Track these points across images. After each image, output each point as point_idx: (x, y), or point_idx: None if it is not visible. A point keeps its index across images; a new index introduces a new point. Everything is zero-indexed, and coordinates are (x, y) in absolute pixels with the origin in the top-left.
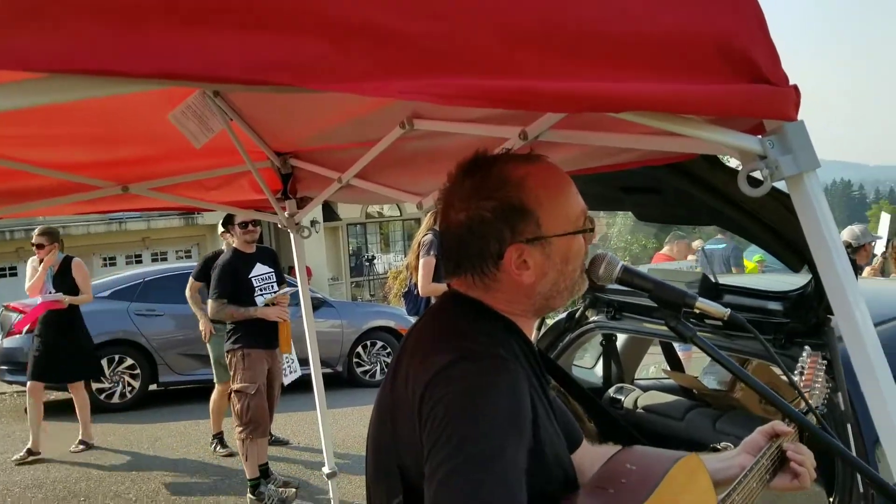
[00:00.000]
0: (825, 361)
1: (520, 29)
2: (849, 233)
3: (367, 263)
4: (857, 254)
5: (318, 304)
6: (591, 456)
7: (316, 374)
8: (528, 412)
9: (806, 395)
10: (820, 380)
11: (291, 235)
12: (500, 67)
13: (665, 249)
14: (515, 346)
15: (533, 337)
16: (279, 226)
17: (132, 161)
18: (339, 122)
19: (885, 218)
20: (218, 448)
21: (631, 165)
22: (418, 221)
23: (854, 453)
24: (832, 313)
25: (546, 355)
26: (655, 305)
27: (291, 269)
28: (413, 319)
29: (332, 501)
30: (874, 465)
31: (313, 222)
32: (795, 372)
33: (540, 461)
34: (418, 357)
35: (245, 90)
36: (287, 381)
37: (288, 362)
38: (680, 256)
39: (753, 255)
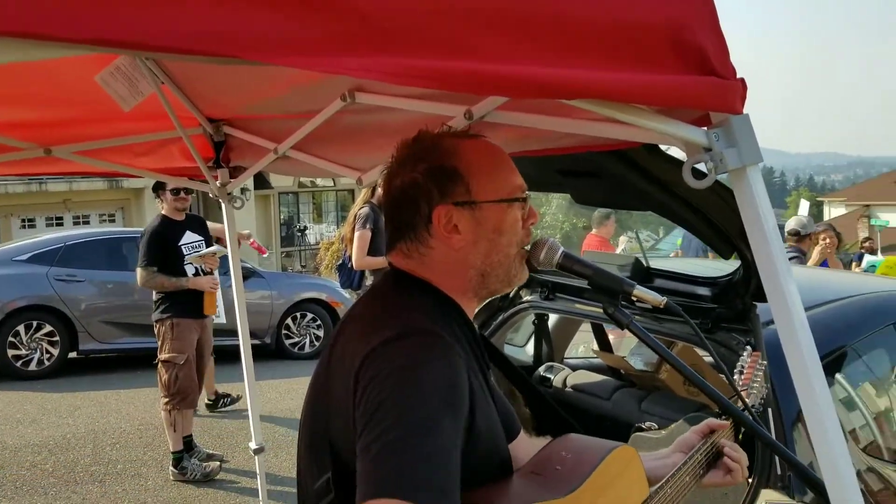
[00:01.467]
0: (764, 363)
1: (472, 10)
2: (796, 221)
3: (299, 234)
4: (804, 242)
5: (247, 275)
6: (526, 447)
7: (245, 346)
8: (464, 391)
9: (744, 393)
10: (759, 379)
11: (223, 205)
12: (453, 49)
13: (595, 231)
14: (455, 327)
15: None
16: (210, 195)
17: (55, 123)
18: (278, 91)
19: (803, 205)
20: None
21: (574, 150)
22: (352, 192)
23: (773, 435)
24: (758, 300)
25: (487, 340)
26: (589, 288)
27: (220, 240)
28: (346, 292)
29: (258, 476)
30: (791, 447)
31: (244, 190)
32: (735, 371)
33: (475, 442)
34: (356, 334)
35: (189, 60)
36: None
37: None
38: (609, 236)
39: (678, 238)
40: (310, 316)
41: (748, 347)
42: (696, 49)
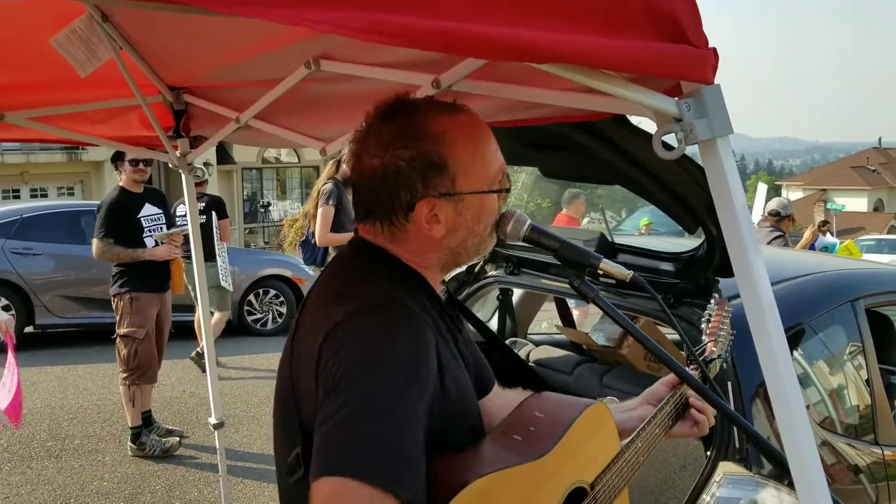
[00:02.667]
0: (731, 310)
1: None
2: (777, 203)
3: (263, 210)
4: (783, 222)
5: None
6: (499, 401)
7: (205, 321)
8: (432, 363)
9: (712, 342)
10: (725, 327)
11: (183, 176)
12: (422, 6)
13: (565, 210)
14: (421, 296)
15: None
16: (170, 165)
17: (9, 87)
18: (240, 57)
19: (761, 189)
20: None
21: (545, 121)
22: (317, 169)
23: (732, 408)
24: (721, 275)
25: (458, 301)
26: (554, 262)
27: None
28: (309, 269)
29: (218, 452)
30: (750, 420)
31: (207, 164)
32: (703, 319)
33: (444, 409)
34: (322, 307)
35: (137, 7)
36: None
37: (225, 267)
38: (579, 215)
39: (642, 218)
40: (272, 292)
41: (715, 295)
42: (669, 15)
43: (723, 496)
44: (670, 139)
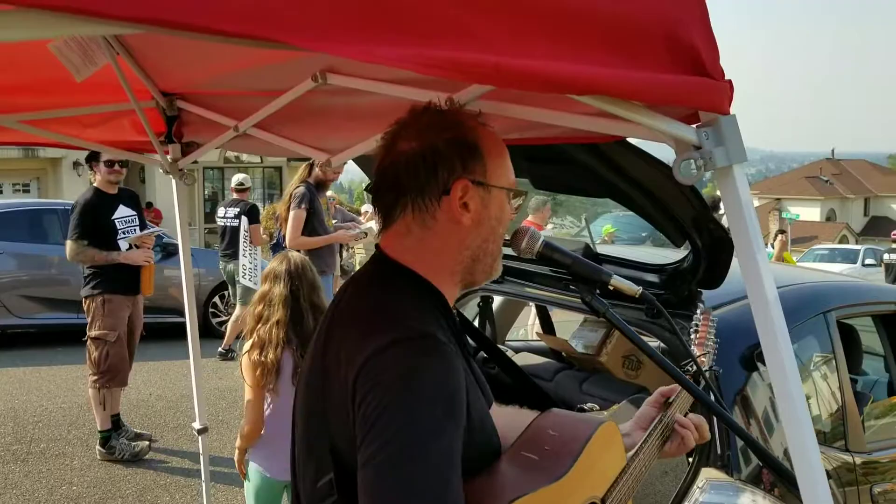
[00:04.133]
0: (715, 319)
1: (491, 2)
2: None
3: None
4: None
5: (174, 251)
6: (500, 419)
7: (191, 323)
8: (463, 395)
9: (701, 353)
10: (711, 336)
11: (173, 182)
12: (479, 43)
13: (531, 217)
14: (442, 320)
15: None
16: (161, 170)
17: (2, 90)
18: (242, 67)
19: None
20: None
21: (555, 141)
22: (280, 170)
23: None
24: (705, 287)
25: (466, 319)
26: (539, 272)
27: (147, 211)
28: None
29: (201, 457)
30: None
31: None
32: (691, 329)
33: (471, 438)
34: (352, 333)
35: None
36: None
37: (252, 267)
38: (543, 222)
39: (603, 226)
40: None
41: (700, 304)
42: (689, 49)
43: (705, 501)
44: (689, 165)
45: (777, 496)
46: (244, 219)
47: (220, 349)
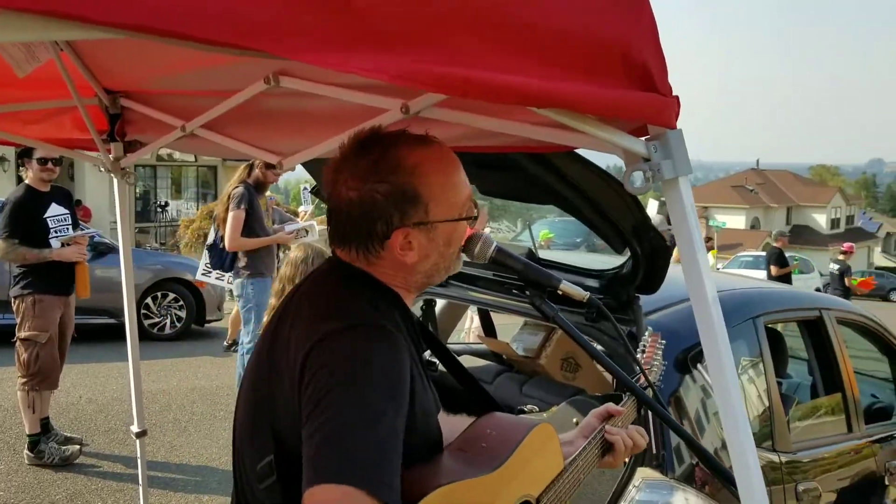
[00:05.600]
0: (664, 342)
1: (460, 15)
2: (658, 220)
3: (160, 209)
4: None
5: (105, 251)
6: (445, 425)
7: (131, 325)
8: (407, 381)
9: (647, 370)
10: (658, 358)
11: (115, 181)
12: (444, 53)
13: None
14: (398, 317)
15: None
16: (100, 169)
17: None
18: (191, 67)
19: (652, 204)
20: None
21: (507, 149)
22: (214, 169)
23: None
24: (643, 292)
25: (423, 325)
26: (482, 276)
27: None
28: (214, 273)
29: (139, 461)
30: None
31: None
32: (638, 350)
33: (412, 426)
34: (302, 323)
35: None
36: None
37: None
38: (481, 227)
39: (540, 231)
40: (171, 296)
41: (649, 328)
42: (642, 66)
43: (641, 500)
44: (637, 176)
45: (707, 493)
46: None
47: (224, 343)
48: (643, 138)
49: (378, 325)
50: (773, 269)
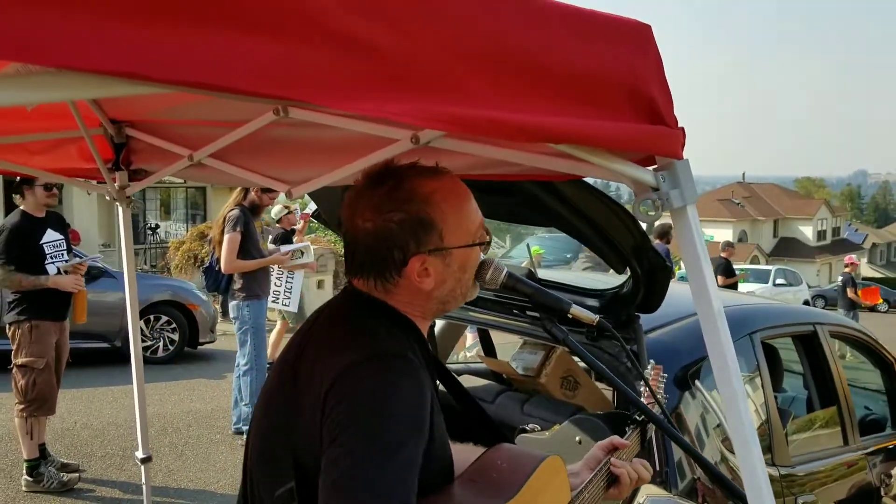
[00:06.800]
0: (666, 375)
1: (478, 58)
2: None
3: (150, 231)
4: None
5: (97, 274)
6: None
7: (136, 349)
8: (428, 411)
9: (650, 402)
10: (661, 390)
11: (119, 209)
12: (466, 96)
13: None
14: (415, 346)
15: None
16: (107, 197)
17: None
18: (199, 98)
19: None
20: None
21: (515, 178)
22: (203, 190)
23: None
24: (642, 312)
25: (433, 355)
26: (484, 297)
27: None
28: (203, 296)
29: (143, 486)
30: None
31: None
32: (641, 383)
33: (430, 455)
34: (324, 354)
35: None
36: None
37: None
38: None
39: (532, 247)
40: (164, 318)
41: (651, 361)
42: (649, 100)
43: None
44: (647, 205)
45: None
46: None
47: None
48: (651, 168)
49: (400, 356)
50: (720, 279)
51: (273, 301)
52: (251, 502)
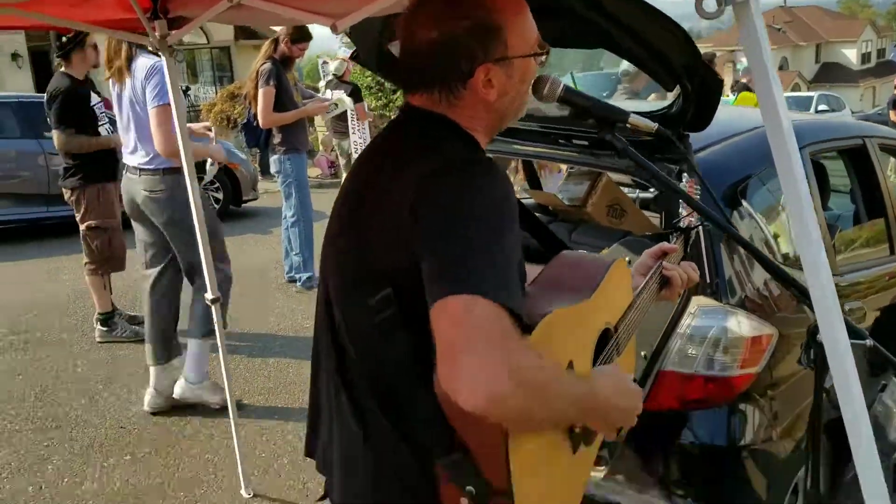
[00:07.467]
0: (699, 187)
1: None
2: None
3: (183, 94)
4: None
5: None
6: None
7: (196, 202)
8: (517, 210)
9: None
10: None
11: (163, 59)
12: None
13: None
14: None
15: None
16: (149, 49)
17: None
18: None
19: None
20: None
21: None
22: (227, 50)
23: (704, 252)
24: (692, 130)
25: None
26: (524, 128)
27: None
28: (242, 155)
29: (216, 327)
30: (721, 265)
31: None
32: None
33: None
34: (396, 169)
35: None
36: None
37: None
38: None
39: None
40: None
41: (685, 175)
42: None
43: (697, 325)
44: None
45: (760, 317)
46: (349, 99)
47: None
48: None
49: (483, 160)
50: None
51: (355, 152)
52: (331, 327)
